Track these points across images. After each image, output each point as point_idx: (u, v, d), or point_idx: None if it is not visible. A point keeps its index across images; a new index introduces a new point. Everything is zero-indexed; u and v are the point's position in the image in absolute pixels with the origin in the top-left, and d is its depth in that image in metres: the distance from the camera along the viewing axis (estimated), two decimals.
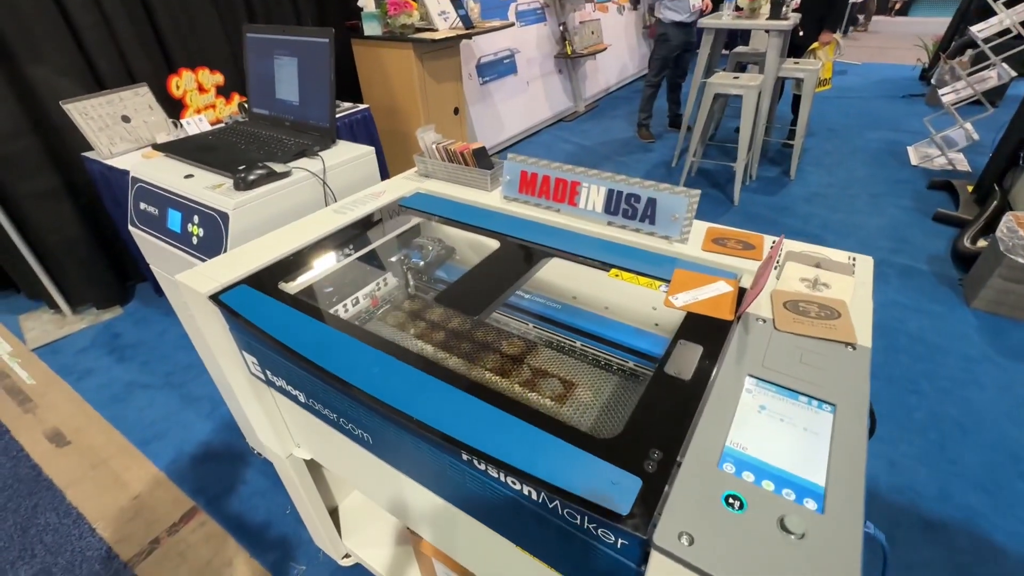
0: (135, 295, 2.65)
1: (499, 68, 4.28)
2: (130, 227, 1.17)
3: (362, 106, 2.58)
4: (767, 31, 3.28)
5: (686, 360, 0.64)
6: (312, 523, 1.29)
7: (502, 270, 0.89)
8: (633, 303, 0.95)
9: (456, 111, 3.46)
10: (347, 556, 1.37)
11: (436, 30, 3.16)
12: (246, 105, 2.38)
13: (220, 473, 1.69)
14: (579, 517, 0.51)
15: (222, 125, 2.27)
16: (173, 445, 1.80)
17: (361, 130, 2.54)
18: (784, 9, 3.20)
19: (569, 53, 4.87)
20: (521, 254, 0.93)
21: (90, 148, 2.12)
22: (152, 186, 1.09)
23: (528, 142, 4.55)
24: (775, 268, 0.80)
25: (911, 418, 1.77)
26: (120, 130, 2.18)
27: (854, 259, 0.82)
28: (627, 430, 0.55)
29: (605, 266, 0.86)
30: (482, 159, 1.12)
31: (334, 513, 1.37)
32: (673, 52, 3.93)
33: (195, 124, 2.29)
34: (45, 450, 1.82)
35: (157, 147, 1.22)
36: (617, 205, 0.93)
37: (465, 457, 0.57)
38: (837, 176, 3.62)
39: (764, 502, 0.46)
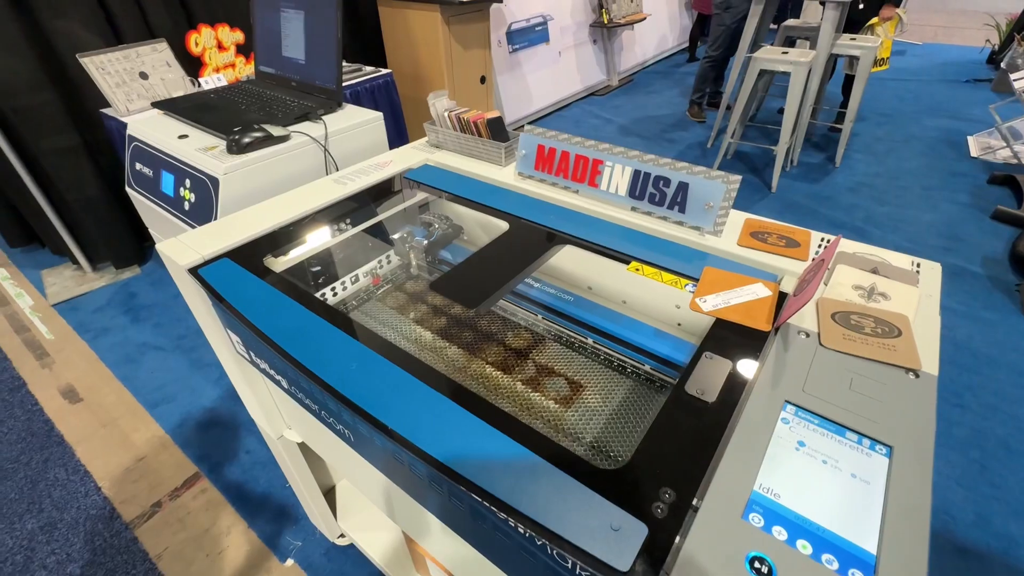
0: (152, 256, 2.66)
1: (530, 36, 4.08)
2: (127, 187, 1.11)
3: (385, 71, 2.47)
4: (822, 2, 3.01)
5: (711, 377, 0.54)
6: (306, 502, 1.26)
7: (509, 256, 0.80)
8: (654, 299, 0.85)
9: (483, 80, 3.31)
10: (342, 536, 1.34)
11: None
12: None
13: (224, 441, 1.68)
14: (570, 562, 0.43)
15: (235, 85, 2.21)
16: (180, 409, 1.80)
17: (382, 96, 2.44)
18: None
19: (606, 22, 4.62)
20: (532, 239, 0.83)
21: (108, 104, 2.08)
22: (147, 145, 1.02)
23: (556, 116, 4.37)
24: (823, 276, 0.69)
25: (950, 434, 1.63)
26: (138, 87, 2.12)
27: (918, 265, 0.70)
28: (636, 460, 0.46)
29: (625, 258, 0.77)
30: (497, 130, 1.02)
31: (331, 492, 1.33)
32: (737, 21, 3.52)
33: (213, 83, 2.22)
34: (59, 406, 1.84)
35: (156, 104, 1.16)
36: (643, 189, 0.82)
37: (445, 479, 0.49)
38: (887, 165, 3.36)
39: (798, 570, 0.37)
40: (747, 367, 0.56)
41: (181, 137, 1.00)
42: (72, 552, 1.39)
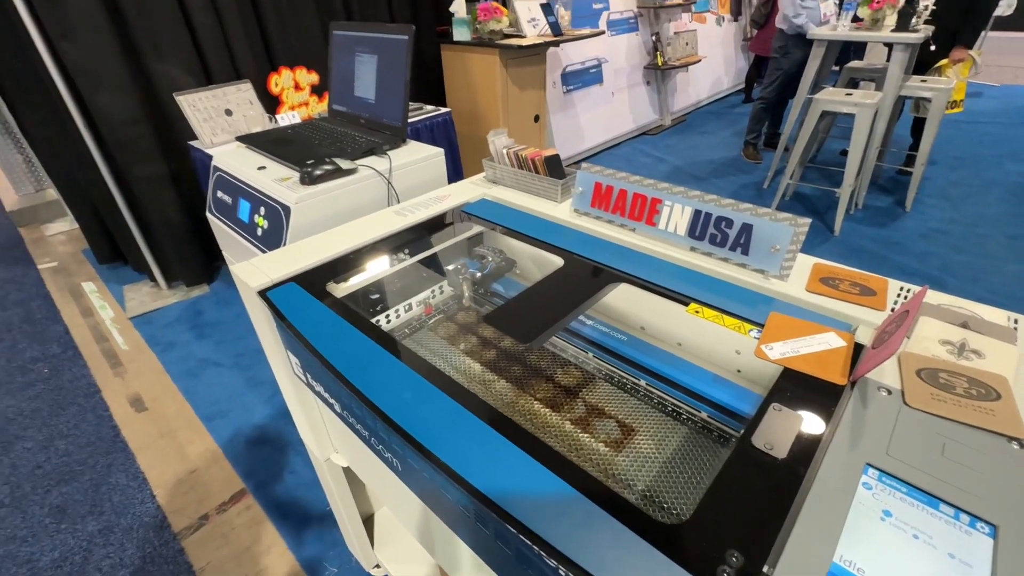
0: (220, 276, 2.83)
1: (584, 77, 4.19)
2: (207, 213, 1.20)
3: (444, 109, 2.59)
4: (888, 45, 2.93)
5: (781, 431, 0.51)
6: (345, 528, 1.26)
7: (563, 292, 0.79)
8: (713, 343, 0.81)
9: (536, 118, 3.41)
10: (377, 567, 1.33)
11: (524, 36, 3.14)
12: None
13: (271, 460, 1.73)
14: None
15: (309, 122, 2.36)
16: (233, 425, 1.87)
17: (440, 133, 2.55)
18: (913, 20, 2.84)
19: (660, 64, 4.68)
20: (586, 275, 0.83)
21: (195, 137, 2.28)
22: (228, 175, 1.11)
23: (607, 154, 4.41)
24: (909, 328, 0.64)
25: None
26: (222, 122, 2.32)
27: (1015, 321, 0.64)
28: (699, 516, 0.43)
29: (683, 299, 0.74)
30: (554, 168, 1.04)
31: (369, 520, 1.33)
32: (795, 67, 3.51)
33: (288, 119, 2.39)
34: (125, 413, 1.96)
35: (240, 139, 1.25)
36: (704, 229, 0.81)
37: (494, 517, 0.48)
38: (964, 211, 3.15)
39: None
40: (820, 423, 0.52)
41: (260, 168, 1.08)
42: (124, 557, 1.44)
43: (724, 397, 0.78)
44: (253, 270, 0.82)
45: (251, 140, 1.23)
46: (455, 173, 2.67)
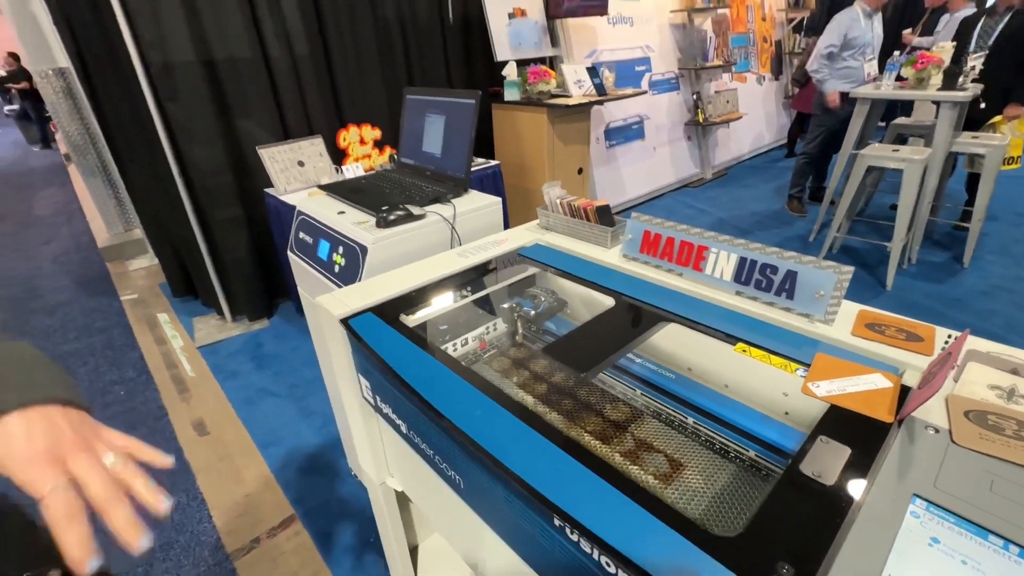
0: (279, 311, 3.03)
1: (627, 133, 4.36)
2: (288, 252, 1.34)
3: (493, 162, 2.77)
4: (936, 103, 2.95)
5: (828, 461, 0.54)
6: (392, 557, 1.30)
7: (614, 329, 0.85)
8: (760, 384, 0.84)
9: (580, 171, 3.56)
10: None
11: (570, 96, 3.34)
12: (395, 156, 2.68)
13: (320, 487, 1.79)
14: None
15: (373, 172, 2.58)
16: (285, 452, 1.96)
17: (489, 184, 2.72)
18: (961, 79, 2.86)
19: (701, 121, 4.82)
20: (636, 315, 0.88)
21: (270, 185, 2.53)
22: (311, 219, 1.25)
23: (649, 205, 4.50)
24: (952, 368, 0.66)
25: None
26: (295, 172, 2.58)
27: None
28: (750, 531, 0.47)
29: (730, 339, 0.79)
30: (604, 216, 1.12)
31: (414, 552, 1.36)
32: (839, 123, 3.56)
33: (352, 171, 2.62)
34: (189, 437, 2.09)
35: (321, 187, 1.41)
36: (749, 275, 0.86)
37: (557, 523, 0.53)
38: None
39: None
40: (867, 455, 0.54)
41: (340, 213, 1.22)
42: (181, 574, 1.52)
43: (773, 436, 0.80)
44: (335, 301, 0.92)
45: (331, 188, 1.39)
46: (505, 224, 2.81)
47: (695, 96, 4.84)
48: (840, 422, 0.60)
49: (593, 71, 3.48)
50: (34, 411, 0.42)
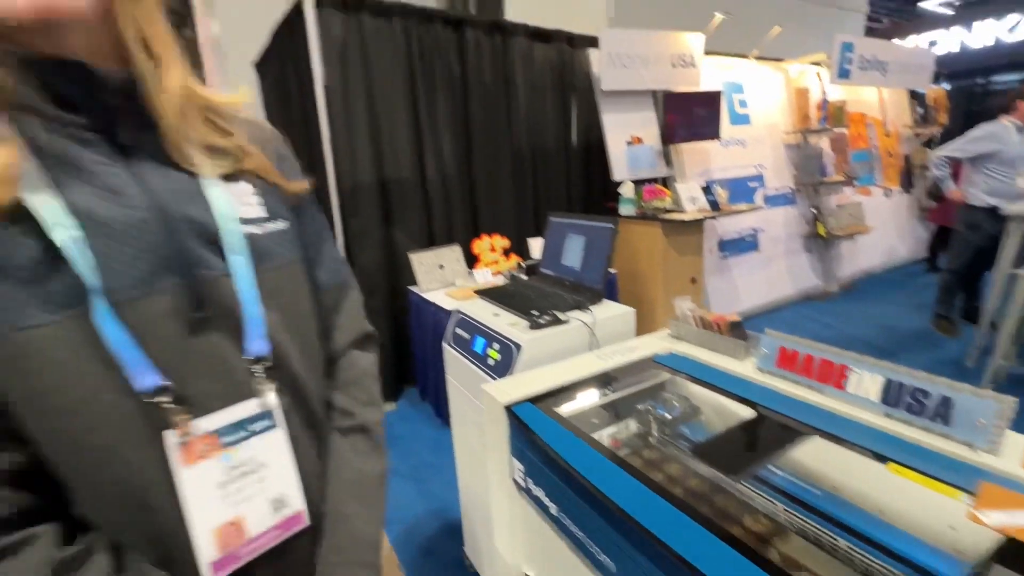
0: (404, 395, 3.32)
1: (740, 245, 4.39)
2: (444, 344, 1.58)
3: (611, 271, 2.97)
4: None
5: None
6: None
7: (757, 439, 0.91)
8: (916, 507, 0.83)
9: (693, 280, 3.63)
10: None
11: (684, 212, 3.53)
12: (522, 264, 2.99)
13: (435, 572, 1.86)
14: None
15: (502, 276, 2.89)
16: (404, 530, 2.08)
17: (607, 292, 2.89)
18: None
19: (822, 234, 4.70)
20: (778, 426, 0.93)
21: (414, 283, 2.94)
22: (469, 318, 1.48)
23: (767, 317, 4.35)
24: None
25: None
26: (436, 274, 2.98)
27: None
28: None
29: (880, 458, 0.81)
30: (737, 331, 1.21)
31: None
32: (988, 241, 3.29)
33: (482, 274, 2.97)
34: None
35: (477, 291, 1.67)
36: (898, 397, 0.88)
37: None
38: None
39: None
40: None
41: (495, 315, 1.44)
42: None
43: (934, 563, 0.77)
44: (498, 389, 1.09)
45: (485, 293, 1.64)
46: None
47: (813, 210, 4.79)
48: (1018, 552, 0.60)
49: (707, 189, 3.68)
50: None
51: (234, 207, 0.52)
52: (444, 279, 3.00)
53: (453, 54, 3.20)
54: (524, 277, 2.26)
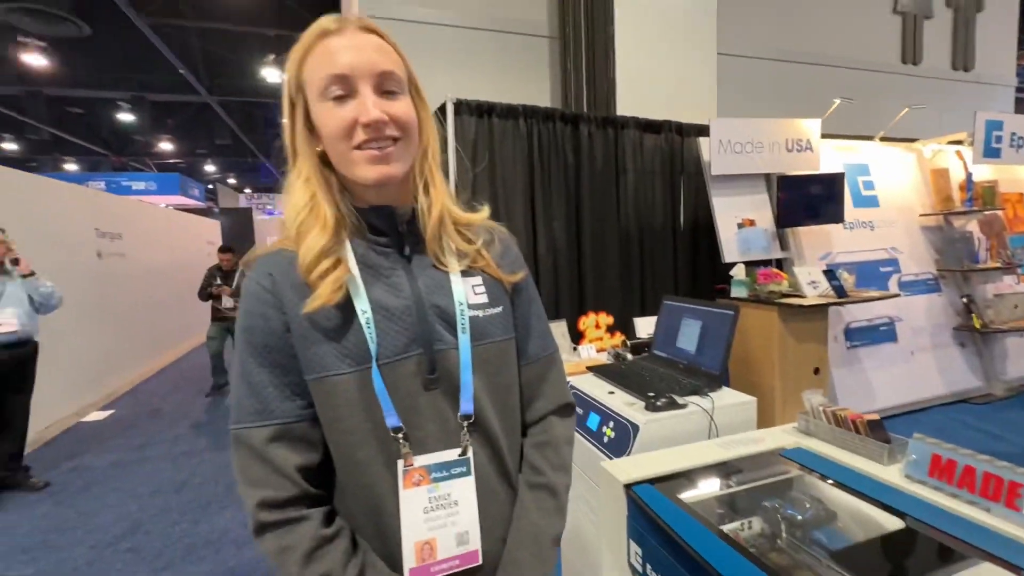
0: None
1: (873, 335, 3.98)
2: None
3: None
4: None
5: None
6: None
7: (910, 554, 0.83)
8: None
9: (816, 371, 3.34)
10: None
11: (804, 297, 3.34)
12: (627, 342, 3.00)
13: None
14: None
15: (606, 353, 2.92)
16: None
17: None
18: None
19: (977, 327, 4.11)
20: (936, 544, 0.85)
21: None
22: (583, 394, 1.54)
23: (910, 419, 3.80)
24: None
25: None
26: None
27: None
28: None
29: None
30: (877, 431, 1.13)
31: None
32: None
33: (586, 351, 3.02)
34: None
35: (589, 368, 1.74)
36: None
37: None
38: None
39: None
40: None
41: (610, 393, 1.49)
42: None
43: None
44: (618, 468, 1.12)
45: (598, 371, 1.70)
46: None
47: (965, 299, 4.23)
48: None
49: (831, 273, 3.46)
50: None
51: (466, 295, 0.71)
52: None
53: (568, 145, 3.51)
54: (629, 356, 2.27)
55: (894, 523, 0.93)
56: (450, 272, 0.71)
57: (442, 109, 3.13)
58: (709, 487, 1.12)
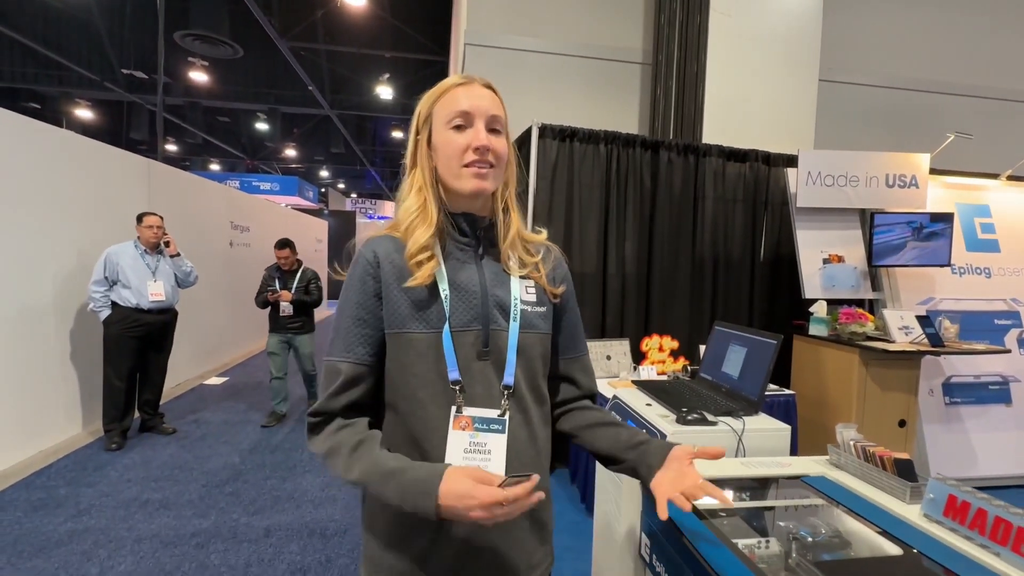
0: (555, 474, 3.45)
1: (980, 393, 3.59)
2: None
3: (788, 391, 2.78)
4: None
5: None
6: None
7: None
8: None
9: (902, 424, 3.10)
10: None
11: (892, 342, 3.13)
12: (688, 367, 3.01)
13: None
14: None
15: (665, 377, 2.95)
16: None
17: (780, 411, 2.70)
18: None
19: None
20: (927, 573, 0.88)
21: None
22: (624, 404, 1.66)
23: (1020, 493, 3.36)
24: None
25: None
26: (602, 363, 3.19)
27: None
28: None
29: None
30: (904, 470, 1.14)
31: None
32: None
33: (647, 372, 3.07)
34: None
35: (636, 382, 1.84)
36: None
37: None
38: None
39: None
40: None
41: (647, 404, 1.59)
42: None
43: None
44: None
45: (641, 385, 1.80)
46: (791, 452, 2.68)
47: None
48: None
49: (926, 320, 3.21)
50: None
51: (520, 293, 0.91)
52: (609, 369, 3.18)
53: (647, 170, 3.60)
54: (687, 380, 2.32)
55: (899, 553, 0.96)
56: (511, 275, 0.92)
57: (528, 132, 3.38)
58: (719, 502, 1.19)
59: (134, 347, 3.72)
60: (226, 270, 6.40)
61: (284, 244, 4.25)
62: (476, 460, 0.82)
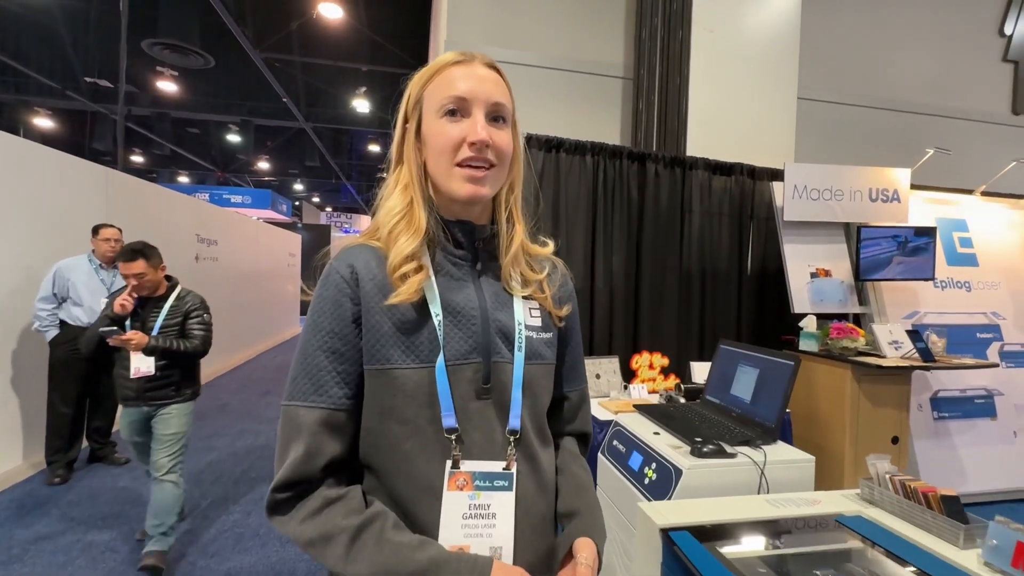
0: None
1: (965, 407, 3.58)
2: (599, 454, 1.61)
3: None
4: None
5: None
6: None
7: None
8: None
9: (895, 440, 3.04)
10: None
11: (883, 357, 3.08)
12: (681, 385, 2.89)
13: None
14: None
15: (658, 395, 2.83)
16: None
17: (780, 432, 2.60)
18: None
19: None
20: None
21: None
22: (628, 431, 1.51)
23: (1008, 507, 3.33)
24: None
25: None
26: (591, 382, 3.05)
27: None
28: None
29: None
30: (953, 509, 1.02)
31: None
32: None
33: (637, 390, 2.94)
34: None
35: (636, 407, 1.70)
36: None
37: None
38: None
39: None
40: None
41: (655, 433, 1.45)
42: None
43: None
44: (656, 511, 1.09)
45: (645, 410, 1.66)
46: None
47: None
48: None
49: (916, 334, 3.18)
50: None
51: (524, 317, 0.75)
52: (599, 389, 3.04)
53: (633, 183, 3.52)
54: (682, 400, 2.19)
55: None
56: (514, 295, 0.76)
57: None
58: (753, 544, 1.05)
59: (83, 370, 3.40)
60: (191, 286, 6.03)
61: (134, 254, 2.40)
62: (478, 528, 0.65)
